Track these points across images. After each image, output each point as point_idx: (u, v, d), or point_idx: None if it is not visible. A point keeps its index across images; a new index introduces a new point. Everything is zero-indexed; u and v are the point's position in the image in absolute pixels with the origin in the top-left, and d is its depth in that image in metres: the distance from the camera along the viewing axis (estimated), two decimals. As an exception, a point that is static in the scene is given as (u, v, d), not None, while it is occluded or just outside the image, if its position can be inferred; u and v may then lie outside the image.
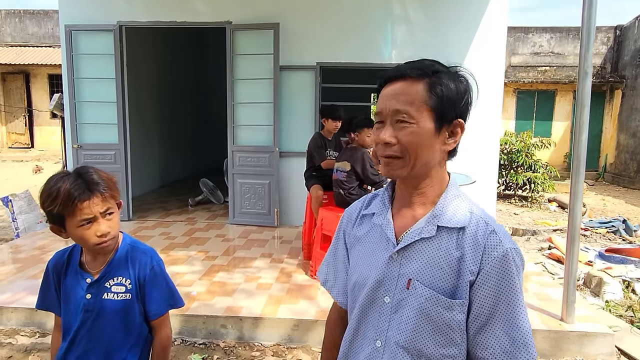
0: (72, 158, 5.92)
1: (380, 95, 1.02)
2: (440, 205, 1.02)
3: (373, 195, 1.18)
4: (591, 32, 2.91)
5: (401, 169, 0.99)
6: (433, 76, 0.98)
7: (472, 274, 0.96)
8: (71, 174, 1.37)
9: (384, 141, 0.98)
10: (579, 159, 3.01)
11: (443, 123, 0.99)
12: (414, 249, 1.00)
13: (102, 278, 1.46)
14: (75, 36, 5.77)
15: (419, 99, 0.97)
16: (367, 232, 1.11)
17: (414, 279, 0.99)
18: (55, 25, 15.63)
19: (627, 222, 6.95)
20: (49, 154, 15.29)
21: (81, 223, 1.35)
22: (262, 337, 3.28)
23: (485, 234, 0.98)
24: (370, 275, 1.05)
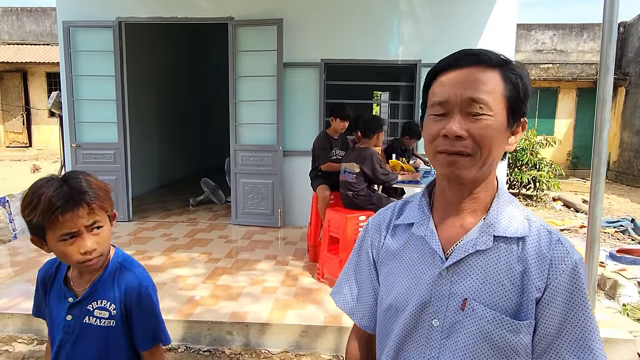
0: (71, 157, 5.79)
1: (438, 83, 0.88)
2: (493, 212, 0.89)
3: (404, 202, 1.04)
4: (613, 25, 2.79)
5: (468, 169, 0.85)
6: (505, 65, 0.86)
7: (538, 291, 0.83)
8: (56, 180, 1.20)
9: (454, 134, 0.83)
10: (600, 157, 2.89)
11: (515, 118, 0.87)
12: (468, 263, 0.87)
13: (86, 299, 1.28)
14: (73, 33, 5.63)
15: (497, 88, 0.84)
16: (403, 246, 0.97)
17: (471, 299, 0.85)
18: (53, 23, 15.46)
19: (636, 221, 6.83)
20: (47, 153, 15.13)
21: (63, 237, 1.17)
22: (269, 344, 3.16)
23: (549, 245, 0.85)
24: (413, 295, 0.91)
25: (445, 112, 0.86)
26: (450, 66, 0.87)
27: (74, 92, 5.70)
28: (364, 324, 1.05)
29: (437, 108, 0.87)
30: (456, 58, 0.87)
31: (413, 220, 0.97)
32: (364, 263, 1.06)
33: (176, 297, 3.54)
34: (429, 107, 0.89)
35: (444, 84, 0.86)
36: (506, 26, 5.41)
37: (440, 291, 0.88)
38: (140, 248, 4.80)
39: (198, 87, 10.91)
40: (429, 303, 0.89)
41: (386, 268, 0.99)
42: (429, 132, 0.88)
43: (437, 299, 0.88)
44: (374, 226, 1.06)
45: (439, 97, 0.86)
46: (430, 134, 0.88)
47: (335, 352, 3.10)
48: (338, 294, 1.11)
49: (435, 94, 0.87)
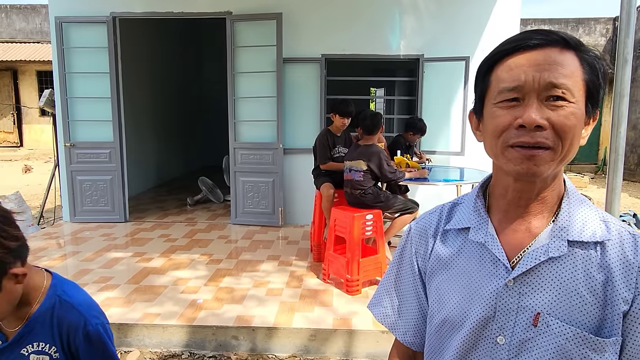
0: (65, 157, 5.63)
1: (504, 68, 0.76)
2: (564, 214, 0.78)
3: (453, 204, 0.93)
4: (631, 16, 2.69)
5: (547, 164, 0.73)
6: (581, 46, 0.75)
7: (625, 303, 0.73)
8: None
9: (534, 123, 0.71)
10: (617, 153, 2.80)
11: (593, 106, 0.76)
12: (539, 273, 0.76)
13: (18, 342, 1.06)
14: (66, 28, 5.47)
15: (576, 71, 0.73)
16: (457, 253, 0.86)
17: (544, 313, 0.75)
18: (44, 21, 15.20)
19: (638, 215, 6.80)
20: (39, 152, 14.90)
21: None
22: (276, 348, 3.05)
23: (635, 250, 0.75)
24: (473, 309, 0.80)
25: (517, 97, 0.74)
26: (519, 48, 0.75)
27: (67, 90, 5.54)
28: (408, 340, 0.94)
29: (507, 94, 0.74)
30: (526, 38, 0.75)
31: (468, 225, 0.86)
32: (406, 273, 0.95)
33: (178, 301, 3.42)
34: (494, 96, 0.77)
35: (512, 67, 0.74)
36: (510, 21, 5.32)
37: (507, 304, 0.77)
38: (139, 250, 4.67)
39: (196, 83, 10.75)
40: (492, 318, 0.78)
41: (438, 279, 0.88)
42: (496, 123, 0.76)
43: (503, 314, 0.77)
44: (417, 232, 0.94)
45: (509, 82, 0.74)
46: (497, 125, 0.75)
47: (345, 356, 3.00)
48: (377, 306, 1.00)
49: (503, 80, 0.75)
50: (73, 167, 5.63)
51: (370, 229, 3.72)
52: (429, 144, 5.59)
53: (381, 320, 0.99)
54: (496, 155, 0.78)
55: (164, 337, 3.08)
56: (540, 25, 14.12)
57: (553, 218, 0.79)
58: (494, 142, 0.77)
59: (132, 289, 3.65)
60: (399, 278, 0.97)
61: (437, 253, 0.89)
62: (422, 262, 0.92)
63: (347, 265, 3.59)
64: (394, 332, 0.97)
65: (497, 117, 0.76)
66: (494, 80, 0.77)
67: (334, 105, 4.40)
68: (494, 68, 0.78)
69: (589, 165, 13.80)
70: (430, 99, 5.53)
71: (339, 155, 4.39)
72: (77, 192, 5.68)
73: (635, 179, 12.19)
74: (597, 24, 13.78)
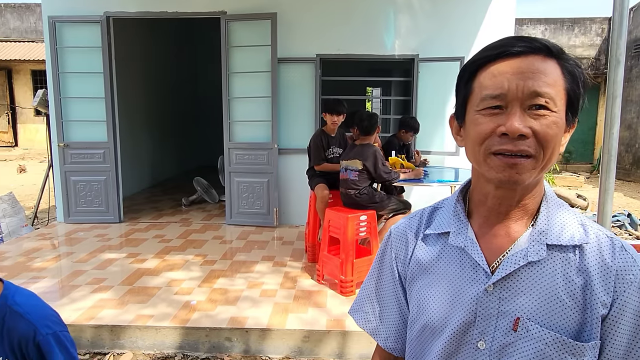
0: (59, 157, 5.60)
1: (487, 74, 0.75)
2: (543, 218, 0.79)
3: (433, 209, 0.92)
4: (624, 17, 2.70)
5: (529, 172, 0.73)
6: (562, 54, 0.75)
7: (604, 307, 0.73)
8: None
9: (518, 132, 0.71)
10: (610, 153, 2.80)
11: (573, 115, 0.76)
12: (519, 277, 0.76)
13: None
14: (59, 28, 5.44)
15: (558, 80, 0.73)
16: (437, 258, 0.85)
17: (524, 318, 0.75)
18: (38, 20, 15.12)
19: (632, 215, 6.83)
20: (34, 152, 14.82)
21: None
22: (269, 350, 3.05)
23: (613, 253, 0.75)
24: (454, 314, 0.80)
25: (500, 105, 0.73)
26: (502, 54, 0.74)
27: (61, 90, 5.51)
28: (389, 345, 0.94)
29: (490, 102, 0.74)
30: (508, 44, 0.74)
31: (448, 229, 0.85)
32: (387, 278, 0.95)
33: (172, 303, 3.40)
34: (477, 102, 0.76)
35: (496, 74, 0.74)
36: (504, 20, 5.33)
37: (487, 309, 0.77)
38: (133, 250, 4.65)
39: (190, 83, 10.72)
40: (473, 323, 0.78)
41: (418, 284, 0.87)
42: (479, 130, 0.75)
43: (483, 319, 0.77)
44: (397, 236, 0.94)
45: (492, 89, 0.74)
46: (480, 132, 0.75)
47: (339, 357, 3.00)
48: (358, 312, 1.00)
49: (486, 87, 0.75)
50: (67, 167, 5.60)
51: (365, 229, 3.71)
52: (424, 144, 5.58)
53: (363, 325, 0.98)
54: (478, 162, 0.78)
55: (157, 338, 3.07)
56: (535, 25, 14.15)
57: (532, 222, 0.80)
58: (476, 149, 0.77)
59: (126, 290, 3.63)
60: (379, 283, 0.96)
61: (417, 258, 0.89)
62: (402, 267, 0.92)
63: (341, 266, 3.58)
64: (375, 338, 0.96)
65: (479, 124, 0.75)
66: (476, 86, 0.77)
67: (325, 104, 4.43)
68: (476, 74, 0.78)
69: (585, 164, 13.85)
70: (426, 99, 5.53)
71: (333, 155, 4.38)
72: (71, 192, 5.65)
73: (630, 178, 12.24)
74: (593, 24, 13.82)
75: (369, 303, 0.98)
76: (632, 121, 12.62)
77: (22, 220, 5.58)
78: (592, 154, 14.20)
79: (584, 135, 14.05)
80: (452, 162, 5.50)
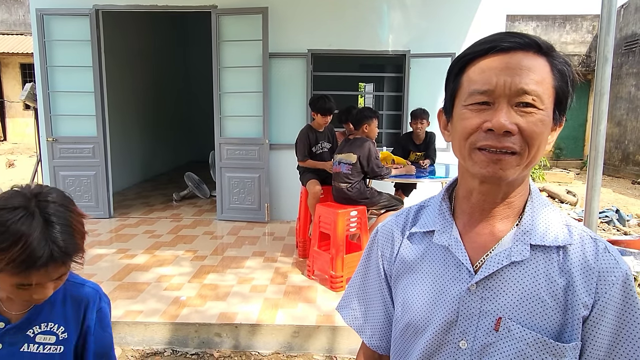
0: (47, 152, 5.54)
1: (476, 70, 0.75)
2: (528, 217, 0.78)
3: (419, 207, 0.92)
4: (612, 15, 2.71)
5: (513, 169, 0.73)
6: (551, 51, 0.74)
7: (585, 308, 0.73)
8: (36, 215, 0.94)
9: (503, 128, 0.71)
10: (597, 150, 2.82)
11: (560, 113, 0.76)
12: (502, 277, 0.76)
13: (24, 324, 1.06)
14: (47, 21, 5.36)
15: (547, 77, 0.73)
16: (421, 257, 0.85)
17: (506, 318, 0.75)
18: (27, 12, 14.90)
19: (620, 211, 6.89)
20: (23, 147, 14.65)
21: (20, 286, 0.96)
22: (259, 345, 3.05)
23: (596, 254, 0.75)
24: (436, 313, 0.80)
25: (488, 101, 0.73)
26: (491, 49, 0.74)
27: (49, 84, 5.44)
28: (374, 343, 0.94)
29: (477, 97, 0.74)
30: (498, 40, 0.74)
31: (433, 228, 0.85)
32: (372, 276, 0.95)
33: (161, 298, 3.39)
34: (465, 97, 0.76)
35: (484, 69, 0.74)
36: (496, 16, 5.34)
37: (469, 309, 0.77)
38: (122, 246, 4.62)
39: (181, 78, 10.63)
40: (455, 322, 0.78)
41: (402, 282, 0.87)
42: (465, 125, 0.75)
43: (465, 318, 0.77)
44: (383, 234, 0.94)
45: (480, 85, 0.73)
46: (466, 127, 0.75)
47: (329, 352, 3.01)
48: (345, 309, 1.00)
49: (474, 82, 0.74)
50: (56, 162, 5.55)
51: (355, 225, 3.72)
52: (415, 140, 5.58)
53: (349, 322, 0.98)
54: (463, 157, 0.78)
55: (146, 334, 3.06)
56: (527, 22, 14.20)
57: (517, 222, 0.79)
58: (462, 144, 0.77)
59: (115, 286, 3.61)
60: (365, 281, 0.96)
61: (402, 256, 0.89)
62: (387, 266, 0.92)
63: (331, 261, 3.59)
64: (361, 335, 0.97)
65: (466, 119, 0.75)
66: (465, 81, 0.77)
67: (312, 103, 4.30)
68: (465, 69, 0.77)
69: (575, 160, 13.97)
70: (417, 94, 5.53)
71: (322, 151, 4.38)
72: (60, 187, 5.54)
73: (619, 174, 12.36)
74: (584, 21, 13.89)
75: (355, 300, 0.98)
76: (622, 118, 12.73)
77: (11, 215, 5.53)
78: (582, 150, 14.32)
79: (574, 131, 14.16)
80: (443, 158, 5.51)
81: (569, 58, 0.77)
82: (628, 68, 12.41)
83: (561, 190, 9.16)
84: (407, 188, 5.18)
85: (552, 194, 8.95)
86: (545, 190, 9.32)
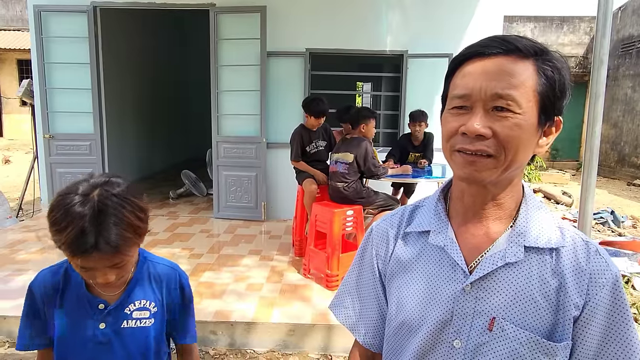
0: (44, 149, 5.53)
1: (460, 74, 0.77)
2: (522, 220, 0.80)
3: (414, 207, 0.93)
4: (608, 17, 2.73)
5: (489, 171, 0.75)
6: (541, 55, 0.75)
7: (576, 308, 0.75)
8: (92, 204, 1.00)
9: (475, 132, 0.73)
10: (592, 152, 2.85)
11: (547, 117, 0.76)
12: (496, 278, 0.78)
13: (122, 304, 1.18)
14: (45, 17, 5.35)
15: (527, 81, 0.73)
16: (416, 257, 0.87)
17: (500, 318, 0.76)
18: (24, 8, 14.84)
19: (615, 213, 6.93)
20: (19, 143, 14.60)
21: (83, 269, 1.06)
22: (255, 344, 3.06)
23: (587, 256, 0.77)
24: (431, 313, 0.81)
25: (466, 105, 0.76)
26: (475, 54, 0.76)
27: (46, 81, 5.44)
28: (367, 341, 0.95)
29: (457, 102, 0.77)
30: (482, 45, 0.76)
31: (428, 228, 0.87)
32: (367, 275, 0.96)
33: (157, 296, 3.39)
34: (449, 101, 0.79)
35: (465, 74, 0.76)
36: (493, 17, 5.36)
37: (463, 309, 0.79)
38: (119, 243, 4.62)
39: (178, 75, 10.61)
40: (449, 322, 0.80)
41: (397, 282, 0.89)
42: (447, 128, 0.79)
43: (460, 318, 0.79)
44: (378, 234, 0.95)
45: (460, 89, 0.76)
46: (447, 130, 0.78)
47: (324, 350, 3.02)
48: (339, 307, 1.01)
49: (456, 86, 0.77)
50: (52, 159, 5.54)
51: (351, 224, 3.73)
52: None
53: (343, 321, 0.99)
54: (447, 159, 0.80)
55: (141, 332, 3.06)
56: (525, 23, 14.24)
57: (511, 223, 0.81)
58: (445, 146, 0.80)
59: (111, 283, 3.61)
60: (359, 279, 0.97)
61: (397, 256, 0.90)
62: (382, 265, 0.93)
63: (327, 260, 3.60)
64: (354, 334, 0.98)
65: (447, 123, 0.78)
66: (451, 85, 0.79)
67: (306, 105, 4.26)
68: (454, 73, 0.80)
69: (571, 162, 14.03)
70: (414, 94, 5.55)
71: (317, 149, 4.40)
72: (57, 184, 5.59)
73: (615, 176, 12.42)
74: (582, 22, 13.95)
75: (349, 299, 0.99)
76: (618, 119, 12.79)
77: (7, 211, 5.51)
78: (579, 151, 14.37)
79: (571, 132, 14.21)
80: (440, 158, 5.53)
81: (565, 60, 0.77)
82: (625, 70, 12.46)
83: (557, 191, 9.21)
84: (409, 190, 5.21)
85: (548, 194, 8.99)
86: (541, 191, 9.37)
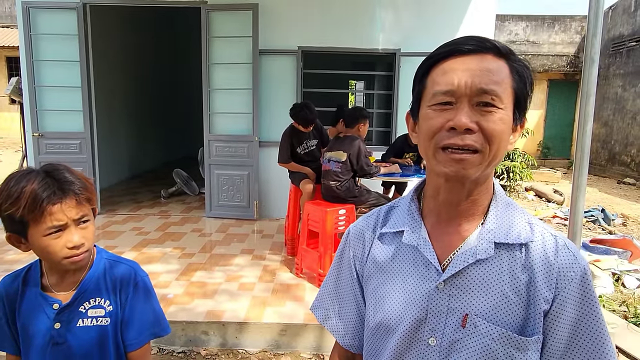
0: (33, 148, 5.46)
1: (439, 71, 0.78)
2: (492, 216, 0.81)
3: (389, 208, 0.94)
4: (599, 16, 2.74)
5: (476, 167, 0.76)
6: (511, 54, 0.78)
7: (546, 302, 0.76)
8: (38, 172, 1.11)
9: (464, 126, 0.73)
10: (583, 150, 2.86)
11: (520, 113, 0.79)
12: (468, 275, 0.79)
13: (76, 301, 1.19)
14: (34, 14, 5.28)
15: (506, 79, 0.76)
16: (392, 257, 0.87)
17: (472, 314, 0.77)
18: (13, 4, 14.66)
19: (606, 211, 6.99)
20: (9, 142, 14.44)
21: (49, 231, 1.09)
22: (246, 343, 3.04)
23: (556, 251, 0.78)
24: (407, 312, 0.82)
25: (450, 101, 0.76)
26: (454, 52, 0.77)
27: (35, 78, 5.37)
28: (347, 342, 0.96)
29: (440, 98, 0.77)
30: (460, 43, 0.77)
31: (402, 228, 0.87)
32: (345, 276, 0.97)
33: (148, 296, 3.37)
34: (429, 98, 0.79)
35: (447, 71, 0.77)
36: (485, 16, 5.37)
37: (437, 307, 0.79)
38: (110, 243, 4.58)
39: (170, 73, 10.54)
40: (424, 320, 0.80)
41: (373, 282, 0.89)
42: (429, 125, 0.78)
43: (434, 316, 0.80)
44: (355, 235, 0.96)
45: (443, 86, 0.76)
46: (431, 127, 0.77)
47: (316, 350, 3.01)
48: (319, 308, 1.02)
49: (438, 83, 0.77)
50: (42, 158, 5.47)
51: (343, 223, 3.72)
52: (405, 139, 5.61)
53: (323, 322, 1.00)
54: (428, 157, 0.80)
55: (132, 332, 3.03)
56: (517, 22, 14.31)
57: (482, 221, 0.82)
58: (427, 144, 0.79)
59: (101, 283, 3.58)
60: (338, 281, 0.98)
61: (373, 256, 0.90)
62: (359, 266, 0.94)
63: (319, 259, 3.59)
64: (334, 335, 0.98)
65: (430, 119, 0.78)
66: (429, 83, 0.79)
67: (294, 114, 4.18)
68: (430, 71, 0.80)
69: (562, 160, 14.12)
70: (407, 93, 5.54)
71: (309, 149, 4.38)
72: (46, 183, 5.52)
73: (605, 174, 12.53)
74: (573, 22, 14.04)
75: (328, 300, 1.00)
76: (609, 118, 12.89)
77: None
78: (570, 150, 14.48)
79: (562, 131, 14.32)
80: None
81: (528, 62, 0.81)
82: (615, 69, 12.56)
83: (548, 189, 9.26)
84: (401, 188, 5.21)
85: (540, 193, 9.05)
86: (532, 190, 9.42)
